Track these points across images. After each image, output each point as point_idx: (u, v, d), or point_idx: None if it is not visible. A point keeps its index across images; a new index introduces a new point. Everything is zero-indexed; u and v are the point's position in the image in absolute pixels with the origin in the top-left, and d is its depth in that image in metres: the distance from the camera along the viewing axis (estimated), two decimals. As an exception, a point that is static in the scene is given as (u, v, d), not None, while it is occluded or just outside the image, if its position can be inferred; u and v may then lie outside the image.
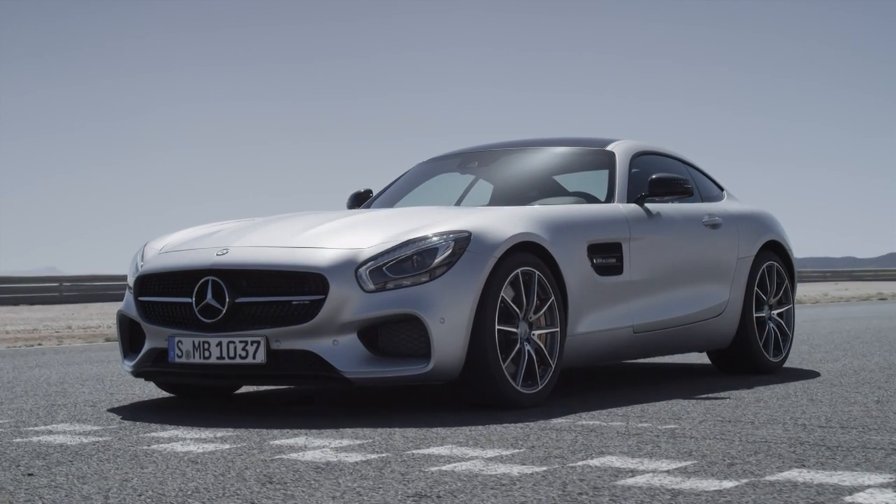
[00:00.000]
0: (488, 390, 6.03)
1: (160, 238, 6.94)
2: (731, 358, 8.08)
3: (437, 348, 5.83)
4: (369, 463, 4.49)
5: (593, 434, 5.17)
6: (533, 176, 7.93)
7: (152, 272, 6.42)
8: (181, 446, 4.99)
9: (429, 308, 5.84)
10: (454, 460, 4.50)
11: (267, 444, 5.03)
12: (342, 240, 6.11)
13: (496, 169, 8.01)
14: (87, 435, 5.41)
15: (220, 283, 6.03)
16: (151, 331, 6.36)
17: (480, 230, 6.07)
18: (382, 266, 5.92)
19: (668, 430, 5.27)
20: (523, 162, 8.04)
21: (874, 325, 15.70)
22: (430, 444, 4.92)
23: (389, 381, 5.89)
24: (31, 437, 5.39)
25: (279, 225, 6.63)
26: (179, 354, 6.13)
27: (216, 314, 6.02)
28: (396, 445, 4.92)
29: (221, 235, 6.57)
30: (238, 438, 5.20)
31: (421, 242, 5.98)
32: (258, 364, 5.94)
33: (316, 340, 5.90)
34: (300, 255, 6.02)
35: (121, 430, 5.55)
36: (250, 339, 5.94)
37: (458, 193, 8.29)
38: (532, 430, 5.35)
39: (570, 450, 4.72)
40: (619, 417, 5.76)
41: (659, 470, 4.21)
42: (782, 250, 8.41)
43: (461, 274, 5.93)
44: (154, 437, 5.28)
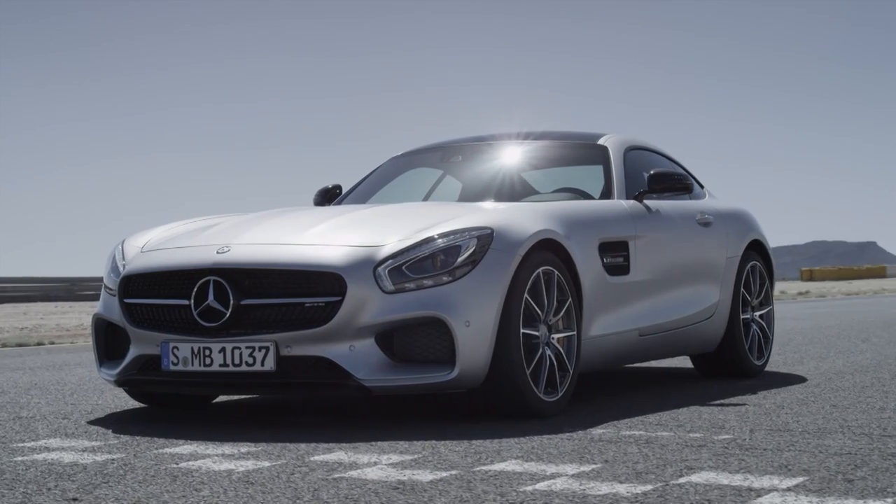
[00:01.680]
0: (513, 399, 5.64)
1: (139, 235, 6.40)
2: (716, 362, 7.80)
3: (462, 354, 5.42)
4: (448, 481, 4.09)
5: (657, 446, 4.83)
6: (503, 173, 7.54)
7: (139, 272, 5.88)
8: (213, 464, 4.52)
9: (453, 310, 5.42)
10: (538, 478, 4.13)
11: (308, 459, 4.58)
12: (356, 237, 5.66)
13: (480, 163, 7.60)
14: (94, 452, 4.90)
15: (222, 284, 5.54)
16: (139, 336, 5.83)
17: (502, 226, 5.68)
18: (402, 265, 5.49)
19: (728, 440, 4.95)
20: (513, 156, 7.66)
21: (822, 322, 15.66)
22: (492, 459, 4.52)
23: (410, 389, 5.47)
24: (29, 454, 4.86)
25: (281, 221, 6.15)
26: (175, 362, 5.62)
27: (219, 317, 5.53)
28: (453, 460, 4.52)
29: (216, 232, 6.06)
30: (269, 454, 4.74)
31: (442, 239, 5.57)
32: (267, 372, 5.46)
33: (331, 346, 5.44)
34: (313, 252, 5.56)
35: (126, 446, 5.05)
36: (258, 345, 5.46)
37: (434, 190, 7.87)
38: (583, 441, 4.99)
39: (653, 465, 4.36)
40: (656, 427, 5.43)
41: (780, 488, 3.88)
42: (763, 250, 8.18)
43: (486, 273, 5.52)
44: (173, 454, 4.79)
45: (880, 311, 20.71)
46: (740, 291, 7.79)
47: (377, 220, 5.96)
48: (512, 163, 7.62)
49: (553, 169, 7.87)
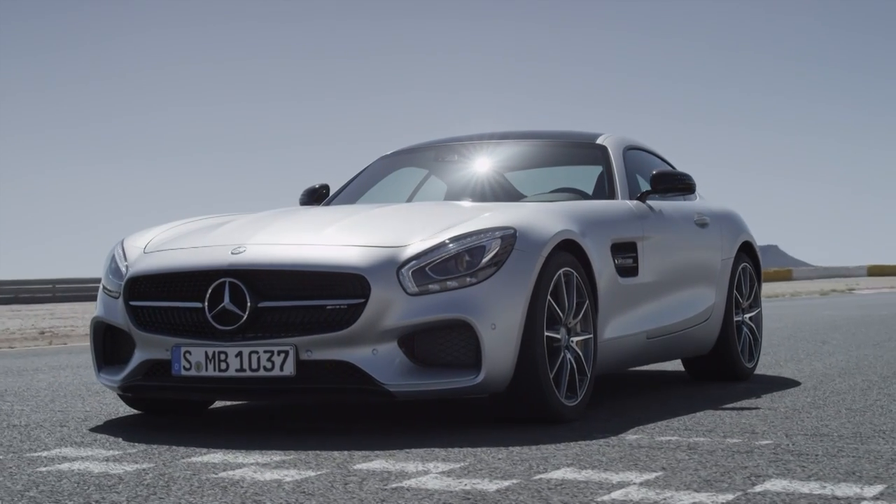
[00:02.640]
0: (537, 403, 5.49)
1: (138, 234, 6.16)
2: (710, 364, 7.70)
3: (488, 357, 5.26)
4: (516, 491, 3.95)
5: (704, 452, 4.72)
6: (486, 174, 7.38)
7: (146, 273, 5.65)
8: (255, 473, 4.32)
9: (479, 312, 5.26)
10: (606, 486, 4.00)
11: (352, 468, 4.41)
12: (376, 237, 5.48)
13: (469, 164, 7.43)
14: (118, 461, 4.68)
15: (239, 286, 5.32)
16: (146, 340, 5.59)
17: (525, 226, 5.53)
18: (425, 266, 5.31)
19: (773, 446, 4.86)
20: (507, 156, 7.50)
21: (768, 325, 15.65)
22: (544, 467, 4.38)
23: (434, 394, 5.30)
24: (50, 464, 4.63)
25: (293, 220, 5.95)
26: (187, 367, 5.40)
27: (235, 320, 5.31)
28: (503, 468, 4.37)
29: (225, 232, 5.84)
30: (305, 463, 4.55)
31: (466, 240, 5.40)
32: (287, 377, 5.26)
33: (353, 350, 5.25)
34: (335, 253, 5.36)
35: (149, 455, 4.83)
36: (277, 349, 5.26)
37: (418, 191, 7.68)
38: (624, 448, 4.86)
39: (717, 472, 4.25)
40: (685, 431, 5.33)
41: (867, 496, 3.79)
42: (753, 251, 8.10)
43: (511, 274, 5.37)
44: (205, 463, 4.58)
45: (815, 312, 20.85)
46: (733, 293, 7.71)
47: (394, 220, 5.79)
48: (505, 163, 7.47)
49: (546, 168, 7.74)
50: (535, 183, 7.63)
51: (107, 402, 6.89)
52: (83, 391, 7.62)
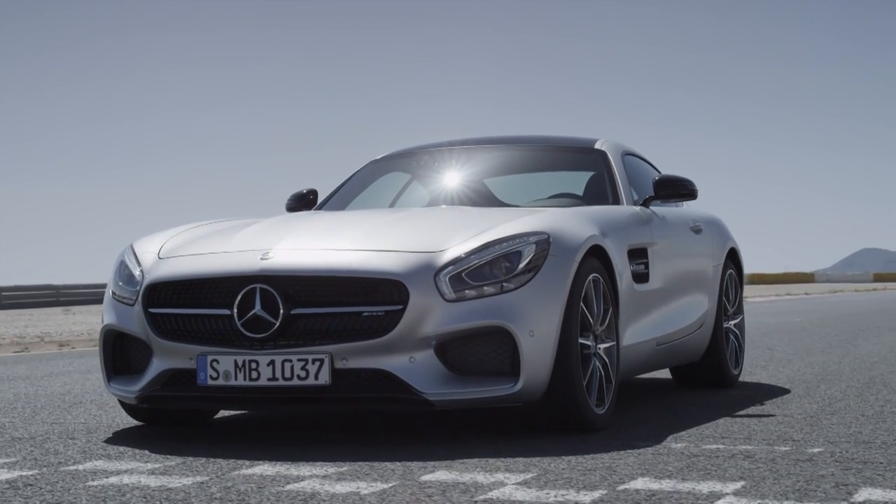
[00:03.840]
0: (572, 412, 5.40)
1: (148, 239, 5.95)
2: (699, 371, 7.67)
3: (527, 365, 5.16)
4: (608, 501, 3.84)
5: (765, 461, 4.67)
6: (466, 180, 7.26)
7: (166, 279, 5.44)
8: (324, 485, 4.18)
9: (518, 319, 5.15)
10: (699, 496, 3.93)
11: (421, 479, 4.29)
12: (410, 241, 5.34)
13: (474, 168, 7.31)
14: (166, 474, 4.49)
15: (270, 292, 5.15)
16: (167, 348, 5.38)
17: (557, 231, 5.44)
18: (462, 272, 5.19)
19: (835, 453, 4.83)
20: (507, 160, 7.40)
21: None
22: (620, 477, 4.29)
23: (473, 402, 5.18)
24: (98, 478, 4.42)
25: (316, 225, 5.80)
26: (215, 376, 5.21)
27: (266, 328, 5.14)
28: (574, 477, 4.28)
29: (248, 236, 5.66)
30: (365, 474, 4.42)
31: (502, 245, 5.29)
32: (322, 386, 5.10)
33: (390, 357, 5.11)
34: (371, 258, 5.22)
35: (195, 467, 4.66)
36: (311, 357, 5.09)
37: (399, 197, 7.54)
38: (682, 456, 4.80)
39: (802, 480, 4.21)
40: (727, 440, 5.28)
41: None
42: (737, 258, 8.10)
43: (547, 280, 5.27)
44: (263, 476, 4.43)
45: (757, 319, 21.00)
46: (722, 300, 7.70)
47: (424, 225, 5.66)
48: (501, 168, 7.38)
49: (531, 174, 7.65)
50: (524, 189, 7.55)
51: (95, 413, 6.66)
52: (65, 402, 7.38)
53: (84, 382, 8.82)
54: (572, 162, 7.35)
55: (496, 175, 7.41)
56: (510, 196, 7.21)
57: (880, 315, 20.81)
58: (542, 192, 7.35)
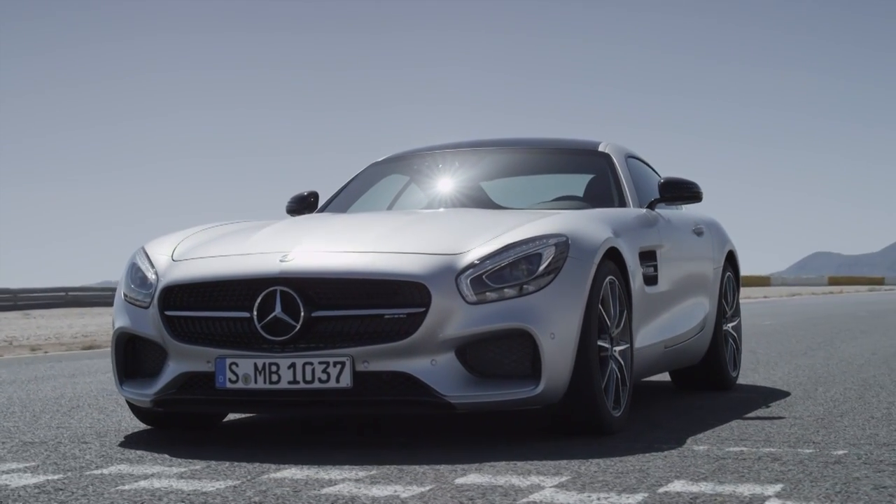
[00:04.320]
0: (590, 415, 5.39)
1: (159, 242, 5.89)
2: (699, 374, 7.67)
3: (548, 368, 5.14)
4: None
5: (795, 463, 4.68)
6: (463, 183, 7.23)
7: (183, 282, 5.39)
8: (362, 489, 4.15)
9: (539, 322, 5.14)
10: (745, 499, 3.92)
11: (456, 482, 4.27)
12: (431, 244, 5.32)
13: (479, 170, 7.29)
14: (195, 479, 4.45)
15: (291, 295, 5.11)
16: (183, 351, 5.33)
17: (575, 234, 5.42)
18: (482, 274, 5.17)
19: (865, 456, 4.83)
20: (510, 163, 7.38)
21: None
22: (659, 481, 4.28)
23: (494, 405, 5.16)
24: (129, 482, 4.38)
25: (334, 227, 5.78)
26: (234, 379, 5.17)
27: (286, 331, 5.10)
28: (609, 480, 4.26)
29: (264, 238, 5.62)
30: (401, 478, 4.39)
31: (522, 247, 5.27)
32: (343, 389, 5.07)
33: (412, 360, 5.08)
34: (393, 260, 5.19)
35: (220, 472, 4.61)
36: (332, 360, 5.06)
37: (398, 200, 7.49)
38: (708, 459, 4.80)
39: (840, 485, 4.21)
40: (749, 442, 5.28)
41: None
42: (734, 260, 8.11)
43: (567, 283, 5.25)
44: (295, 480, 4.39)
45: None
46: (721, 302, 7.71)
47: (442, 227, 5.65)
48: (503, 170, 7.37)
49: (537, 176, 7.65)
50: (525, 191, 7.54)
51: (97, 417, 6.60)
52: (62, 406, 7.31)
53: (74, 386, 8.73)
54: (576, 164, 7.33)
55: (498, 177, 7.40)
56: (513, 199, 7.19)
57: (848, 319, 20.94)
58: (543, 195, 7.34)
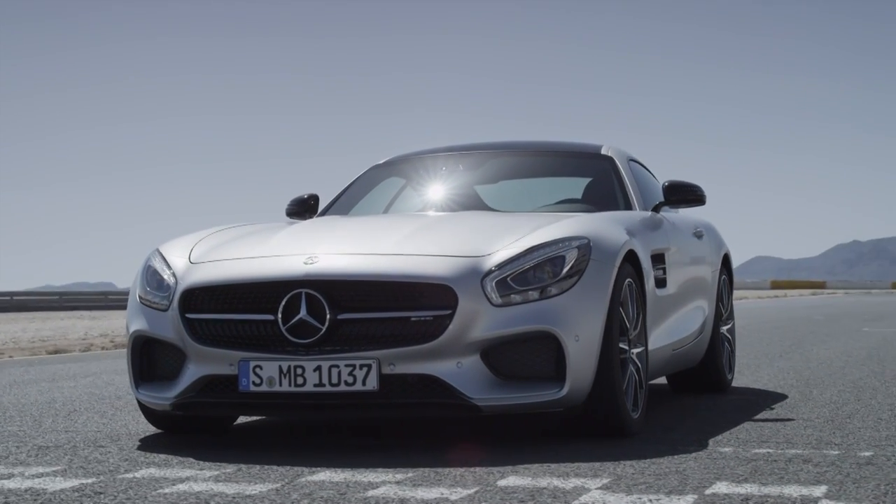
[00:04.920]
0: (613, 417, 5.40)
1: (174, 244, 5.84)
2: (697, 376, 7.70)
3: (572, 370, 5.14)
4: None
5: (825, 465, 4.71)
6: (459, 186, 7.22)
7: (204, 284, 5.35)
8: (408, 491, 4.13)
9: (564, 324, 5.14)
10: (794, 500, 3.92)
11: (497, 484, 4.25)
12: (455, 246, 5.31)
13: (481, 174, 7.28)
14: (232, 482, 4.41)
15: (317, 297, 5.09)
16: (204, 354, 5.29)
17: (596, 236, 5.43)
18: (507, 276, 5.16)
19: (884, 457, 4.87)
20: (513, 166, 7.38)
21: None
22: (702, 483, 4.29)
23: (519, 408, 5.16)
24: (166, 486, 4.34)
25: (353, 229, 5.76)
26: (258, 382, 5.13)
27: (312, 333, 5.07)
28: (659, 484, 4.26)
29: (285, 241, 5.60)
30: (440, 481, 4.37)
31: (545, 249, 5.27)
32: (370, 391, 5.05)
33: (438, 363, 5.07)
34: (419, 262, 5.17)
35: (254, 475, 4.57)
36: (359, 363, 5.04)
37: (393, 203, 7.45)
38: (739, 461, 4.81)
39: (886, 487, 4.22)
40: (763, 444, 5.31)
41: None
42: (729, 263, 8.16)
43: (590, 285, 5.26)
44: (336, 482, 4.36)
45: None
46: (718, 305, 7.75)
47: (463, 229, 5.64)
48: (505, 173, 7.37)
49: (533, 180, 7.65)
50: (523, 194, 7.54)
51: (99, 420, 6.54)
52: (58, 410, 7.25)
53: (61, 391, 8.64)
54: (579, 168, 7.34)
55: (500, 181, 7.39)
56: (516, 202, 7.21)
57: (808, 323, 21.16)
58: (545, 198, 7.32)
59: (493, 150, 7.42)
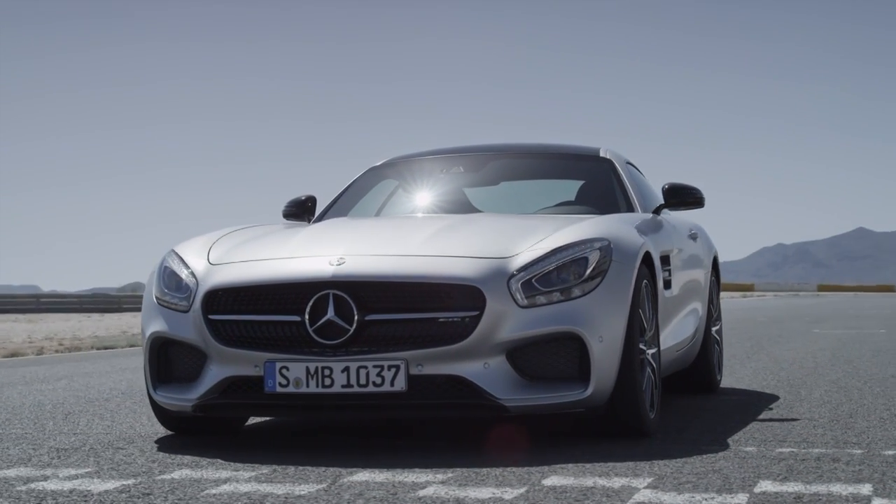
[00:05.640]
0: (634, 417, 5.44)
1: (189, 245, 5.80)
2: (688, 377, 7.77)
3: (596, 371, 5.18)
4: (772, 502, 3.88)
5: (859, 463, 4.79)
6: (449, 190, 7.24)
7: (228, 286, 5.32)
8: (460, 491, 4.15)
9: (588, 325, 5.18)
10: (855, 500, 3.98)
11: (544, 483, 4.28)
12: (480, 247, 5.33)
13: (482, 176, 7.31)
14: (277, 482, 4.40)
15: (345, 298, 5.09)
16: (228, 355, 5.26)
17: (616, 238, 5.48)
18: (532, 278, 5.20)
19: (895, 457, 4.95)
20: (513, 168, 7.41)
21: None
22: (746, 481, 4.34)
23: (545, 408, 5.18)
24: (213, 487, 4.33)
25: (374, 230, 5.77)
26: (284, 383, 5.12)
27: (339, 334, 5.07)
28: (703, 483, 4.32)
29: (305, 242, 5.60)
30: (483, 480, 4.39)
31: (568, 251, 5.31)
32: (398, 392, 5.06)
33: (465, 363, 5.09)
34: (447, 264, 5.19)
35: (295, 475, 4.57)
36: (387, 364, 5.04)
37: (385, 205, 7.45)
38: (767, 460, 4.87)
39: None
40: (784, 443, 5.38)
41: None
42: (717, 265, 8.25)
43: (612, 287, 5.31)
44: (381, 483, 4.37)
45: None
46: (709, 306, 7.83)
47: (484, 231, 5.66)
48: (503, 175, 7.39)
49: (535, 181, 7.68)
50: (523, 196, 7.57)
51: (101, 423, 6.49)
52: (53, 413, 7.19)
53: (43, 393, 8.57)
54: (577, 170, 7.36)
55: (498, 182, 7.41)
56: (514, 203, 7.24)
57: (755, 325, 21.47)
58: (541, 200, 7.35)
59: (491, 153, 7.44)
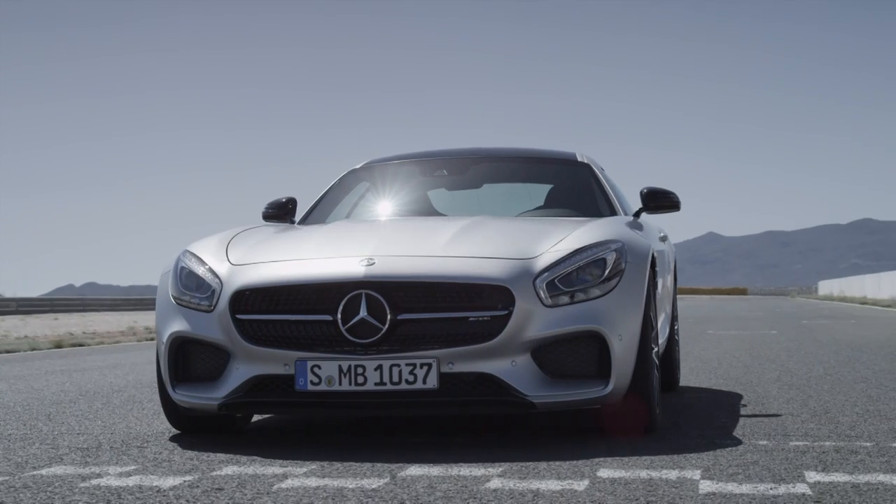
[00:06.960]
0: (647, 413, 5.62)
1: (203, 245, 5.83)
2: (655, 377, 7.98)
3: (616, 368, 5.36)
4: (829, 492, 4.09)
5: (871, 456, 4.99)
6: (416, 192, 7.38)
7: (257, 286, 5.37)
8: (523, 483, 4.27)
9: (609, 324, 5.35)
10: None
11: (596, 474, 4.43)
12: (505, 248, 5.48)
13: (461, 179, 7.44)
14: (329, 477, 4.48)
15: (377, 298, 5.20)
16: (257, 355, 5.32)
17: (629, 240, 5.68)
18: (555, 278, 5.36)
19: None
20: (492, 171, 7.55)
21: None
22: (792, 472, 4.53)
23: (570, 405, 5.34)
24: (271, 482, 4.39)
25: (397, 230, 5.88)
26: (316, 381, 5.21)
27: (371, 333, 5.18)
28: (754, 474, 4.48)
29: (328, 243, 5.68)
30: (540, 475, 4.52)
31: (588, 252, 5.48)
32: (430, 390, 5.18)
33: (494, 361, 5.23)
34: (478, 264, 5.32)
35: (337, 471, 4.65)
36: (419, 362, 5.17)
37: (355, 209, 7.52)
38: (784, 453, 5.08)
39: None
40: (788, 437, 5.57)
41: None
42: (675, 266, 8.49)
43: (630, 287, 5.49)
44: (443, 478, 4.46)
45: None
46: (672, 307, 8.07)
47: (507, 232, 5.81)
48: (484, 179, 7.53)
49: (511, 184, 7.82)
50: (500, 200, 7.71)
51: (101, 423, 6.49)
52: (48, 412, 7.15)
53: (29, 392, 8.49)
54: (555, 174, 7.50)
55: (475, 186, 7.54)
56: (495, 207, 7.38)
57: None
58: (522, 203, 7.49)
59: (470, 157, 7.57)
